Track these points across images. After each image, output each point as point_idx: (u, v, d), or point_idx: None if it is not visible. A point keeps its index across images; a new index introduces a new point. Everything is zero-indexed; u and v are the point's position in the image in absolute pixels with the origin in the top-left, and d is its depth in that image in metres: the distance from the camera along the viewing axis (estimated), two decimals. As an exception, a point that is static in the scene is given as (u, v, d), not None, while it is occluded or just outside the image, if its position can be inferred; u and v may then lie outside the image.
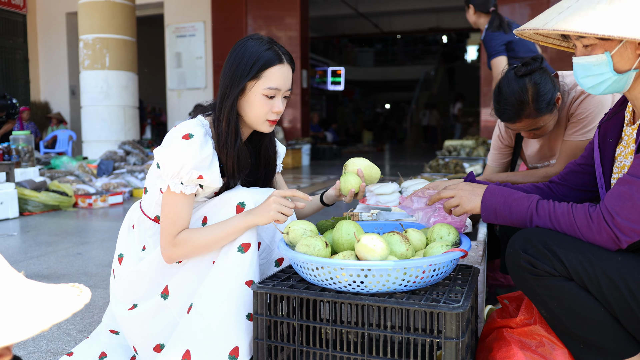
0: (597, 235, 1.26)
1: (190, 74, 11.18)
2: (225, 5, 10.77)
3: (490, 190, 1.47)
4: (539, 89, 1.90)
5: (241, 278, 1.49)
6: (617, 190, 1.25)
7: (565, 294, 1.29)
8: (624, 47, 1.25)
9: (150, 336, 1.64)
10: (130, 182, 6.39)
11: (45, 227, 4.43)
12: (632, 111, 1.43)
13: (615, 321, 1.28)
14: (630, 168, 1.26)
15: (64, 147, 9.60)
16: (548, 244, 1.29)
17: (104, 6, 7.90)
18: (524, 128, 1.99)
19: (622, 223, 1.22)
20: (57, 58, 11.99)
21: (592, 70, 1.30)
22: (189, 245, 1.51)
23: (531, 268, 1.31)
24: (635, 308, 1.24)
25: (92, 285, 2.75)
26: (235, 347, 1.47)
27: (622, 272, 1.24)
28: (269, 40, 1.59)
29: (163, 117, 13.58)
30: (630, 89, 1.33)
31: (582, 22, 1.19)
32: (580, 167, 1.59)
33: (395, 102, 28.04)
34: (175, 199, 1.52)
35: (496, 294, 2.41)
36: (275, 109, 1.57)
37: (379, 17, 17.75)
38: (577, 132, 2.03)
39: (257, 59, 1.54)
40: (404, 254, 1.41)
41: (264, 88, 1.54)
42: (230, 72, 1.56)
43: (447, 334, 1.24)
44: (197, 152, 1.48)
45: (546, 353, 1.40)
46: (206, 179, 1.51)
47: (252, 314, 1.46)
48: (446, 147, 6.49)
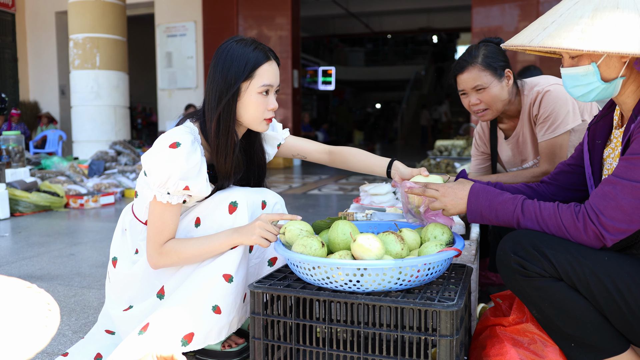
0: (583, 234, 1.29)
1: (181, 74, 11.15)
2: (216, 5, 10.75)
3: (474, 192, 1.47)
4: (489, 50, 2.12)
5: (218, 270, 1.53)
6: (602, 190, 1.28)
7: (556, 294, 1.32)
8: (609, 57, 1.29)
9: None
10: (121, 183, 6.37)
11: (36, 228, 4.41)
12: (620, 114, 1.47)
13: (604, 319, 1.31)
14: (615, 170, 1.29)
15: (54, 147, 9.54)
16: (538, 246, 1.32)
17: (94, 5, 7.86)
18: (470, 83, 2.10)
19: (606, 222, 1.26)
20: (47, 57, 11.91)
21: (580, 80, 1.34)
22: (174, 255, 1.54)
23: (521, 269, 1.34)
24: (623, 306, 1.27)
25: (86, 285, 2.74)
26: (191, 333, 1.51)
27: (610, 271, 1.27)
28: (252, 40, 1.61)
29: (154, 117, 13.53)
30: (619, 94, 1.37)
31: (567, 39, 1.23)
32: (570, 167, 1.62)
33: (386, 102, 28.12)
34: (162, 208, 1.53)
35: (488, 292, 2.44)
36: (271, 105, 1.60)
37: (370, 17, 17.80)
38: (547, 131, 2.10)
39: (247, 60, 1.55)
40: (399, 253, 1.43)
41: (259, 86, 1.56)
42: (223, 78, 1.56)
43: (441, 331, 1.26)
44: (184, 161, 1.48)
45: (538, 350, 1.43)
46: (193, 189, 1.52)
47: (219, 306, 1.51)
48: (437, 147, 6.53)
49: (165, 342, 1.48)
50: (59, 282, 2.80)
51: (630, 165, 1.25)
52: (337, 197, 6.23)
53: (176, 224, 1.56)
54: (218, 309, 1.52)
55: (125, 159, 7.41)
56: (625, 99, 1.37)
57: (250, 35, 1.64)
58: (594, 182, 1.49)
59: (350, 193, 6.49)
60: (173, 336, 1.49)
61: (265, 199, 1.67)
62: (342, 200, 5.92)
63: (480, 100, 2.11)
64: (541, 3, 8.61)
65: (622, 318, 1.28)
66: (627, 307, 1.26)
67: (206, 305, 1.52)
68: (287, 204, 1.74)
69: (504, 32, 9.05)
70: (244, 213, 1.58)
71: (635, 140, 1.26)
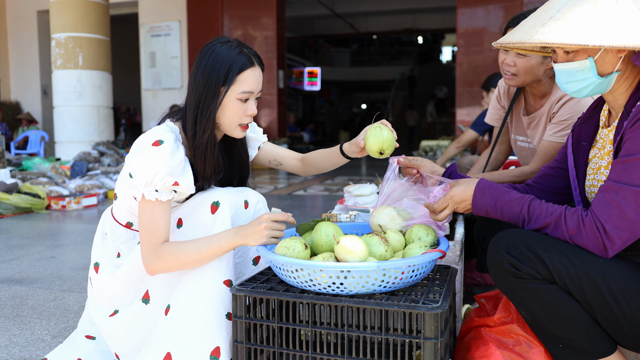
0: (585, 240, 1.27)
1: (165, 74, 11.06)
2: (201, 5, 10.69)
3: (480, 188, 1.46)
4: None
5: (219, 277, 1.49)
6: (604, 198, 1.26)
7: (547, 297, 1.30)
8: (606, 51, 1.28)
9: (133, 342, 1.61)
10: (104, 184, 6.30)
11: (17, 230, 4.34)
12: (607, 114, 1.46)
13: (594, 322, 1.31)
14: (611, 174, 1.27)
15: (36, 147, 9.42)
16: (532, 247, 1.30)
17: (77, 4, 7.77)
18: None
19: (611, 231, 1.24)
20: (28, 57, 11.75)
21: (576, 75, 1.32)
22: (171, 259, 1.47)
23: (514, 270, 1.32)
24: (616, 310, 1.26)
25: (66, 289, 2.70)
26: (217, 347, 1.46)
27: (605, 274, 1.26)
28: (238, 43, 1.57)
29: (138, 118, 13.42)
30: (611, 90, 1.36)
31: (569, 34, 1.21)
32: (553, 170, 1.62)
33: (372, 102, 28.17)
34: (151, 207, 1.49)
35: (473, 293, 2.44)
36: (249, 111, 1.57)
37: (355, 18, 17.83)
38: (556, 133, 2.07)
39: (230, 65, 1.51)
40: (383, 255, 1.42)
41: (239, 92, 1.53)
42: (204, 80, 1.53)
43: (426, 334, 1.25)
44: (169, 158, 1.46)
45: (523, 351, 1.43)
46: (181, 185, 1.49)
47: (230, 313, 1.46)
48: (422, 147, 6.55)
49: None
50: (38, 286, 2.75)
51: (629, 168, 1.23)
52: (323, 198, 6.22)
53: (168, 223, 1.51)
54: (230, 315, 1.49)
55: (108, 160, 7.34)
56: (618, 95, 1.36)
57: (235, 36, 1.62)
58: (578, 184, 1.48)
59: (335, 194, 6.48)
60: (201, 355, 1.45)
61: (248, 199, 1.65)
62: (328, 201, 5.91)
63: (515, 63, 2.07)
64: (525, 4, 8.68)
65: (613, 321, 1.28)
66: (620, 311, 1.26)
67: (220, 314, 1.48)
68: (272, 204, 1.72)
69: (489, 33, 9.12)
70: (226, 213, 1.56)
71: (629, 140, 1.24)
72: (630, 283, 1.26)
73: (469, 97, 9.37)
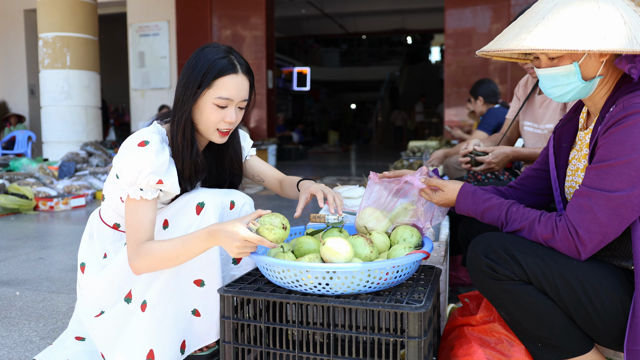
0: (559, 243, 1.31)
1: (154, 74, 11.01)
2: (190, 5, 10.65)
3: (462, 193, 1.54)
4: None
5: (190, 277, 1.58)
6: (577, 202, 1.30)
7: (524, 297, 1.34)
8: (589, 56, 1.31)
9: (117, 341, 1.63)
10: (92, 184, 6.27)
11: (4, 232, 4.31)
12: (585, 117, 1.50)
13: (570, 321, 1.35)
14: (585, 179, 1.31)
15: (23, 148, 9.35)
16: (508, 249, 1.34)
17: (65, 3, 7.71)
18: None
19: (583, 235, 1.28)
20: (15, 56, 11.63)
21: (561, 80, 1.35)
22: (149, 258, 1.46)
23: (492, 272, 1.36)
24: (590, 308, 1.30)
25: (55, 290, 2.70)
26: (183, 341, 1.60)
27: (579, 274, 1.30)
28: (227, 49, 1.57)
29: (126, 118, 13.35)
30: (592, 95, 1.39)
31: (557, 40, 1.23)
32: (535, 172, 1.65)
33: (361, 102, 28.24)
34: (136, 206, 1.50)
35: (458, 292, 2.47)
36: (227, 119, 1.55)
37: (344, 18, 17.85)
38: None
39: (210, 67, 1.52)
40: (368, 256, 1.44)
41: (215, 97, 1.53)
42: (184, 80, 1.55)
43: (409, 333, 1.28)
44: (154, 157, 1.48)
45: (505, 350, 1.46)
46: (166, 183, 1.51)
47: (197, 309, 1.59)
48: (410, 148, 6.58)
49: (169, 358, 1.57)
50: (27, 287, 2.75)
51: (601, 174, 1.27)
52: (311, 199, 6.23)
53: (153, 222, 1.52)
54: (197, 312, 1.60)
55: (96, 160, 7.30)
56: (598, 100, 1.40)
57: (224, 36, 1.63)
58: (559, 184, 1.52)
59: (324, 194, 6.49)
60: (173, 349, 1.57)
61: (234, 200, 1.66)
62: (316, 202, 5.92)
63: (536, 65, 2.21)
64: (512, 5, 8.75)
65: (588, 320, 1.31)
66: (594, 310, 1.30)
67: (187, 311, 1.60)
68: (260, 205, 1.74)
69: (477, 34, 9.18)
70: (212, 213, 1.57)
71: (602, 147, 1.28)
72: (604, 283, 1.29)
73: (457, 98, 9.42)
